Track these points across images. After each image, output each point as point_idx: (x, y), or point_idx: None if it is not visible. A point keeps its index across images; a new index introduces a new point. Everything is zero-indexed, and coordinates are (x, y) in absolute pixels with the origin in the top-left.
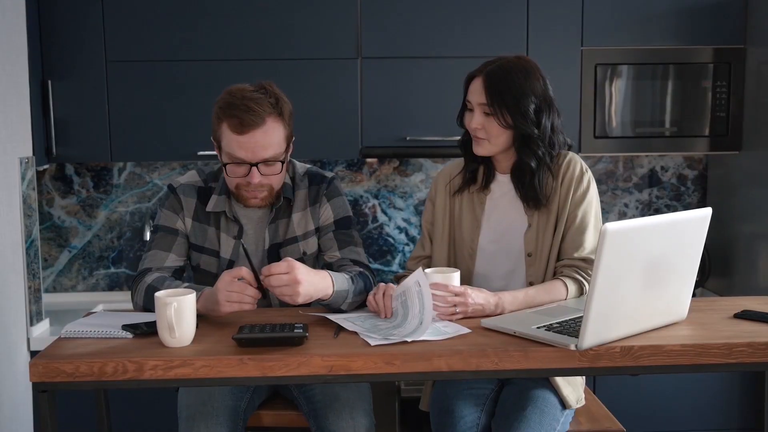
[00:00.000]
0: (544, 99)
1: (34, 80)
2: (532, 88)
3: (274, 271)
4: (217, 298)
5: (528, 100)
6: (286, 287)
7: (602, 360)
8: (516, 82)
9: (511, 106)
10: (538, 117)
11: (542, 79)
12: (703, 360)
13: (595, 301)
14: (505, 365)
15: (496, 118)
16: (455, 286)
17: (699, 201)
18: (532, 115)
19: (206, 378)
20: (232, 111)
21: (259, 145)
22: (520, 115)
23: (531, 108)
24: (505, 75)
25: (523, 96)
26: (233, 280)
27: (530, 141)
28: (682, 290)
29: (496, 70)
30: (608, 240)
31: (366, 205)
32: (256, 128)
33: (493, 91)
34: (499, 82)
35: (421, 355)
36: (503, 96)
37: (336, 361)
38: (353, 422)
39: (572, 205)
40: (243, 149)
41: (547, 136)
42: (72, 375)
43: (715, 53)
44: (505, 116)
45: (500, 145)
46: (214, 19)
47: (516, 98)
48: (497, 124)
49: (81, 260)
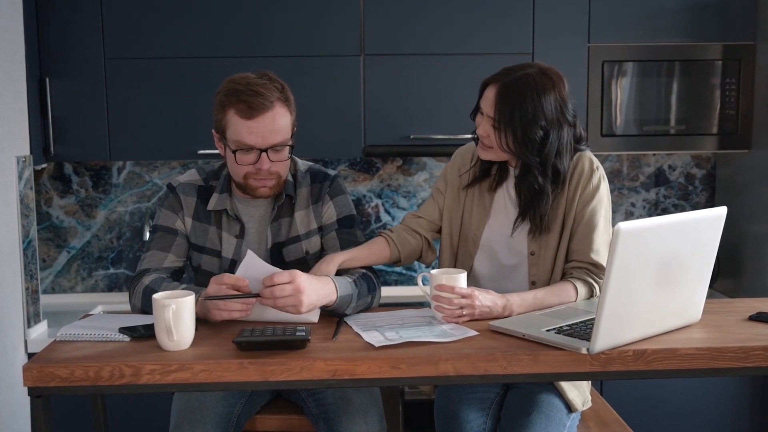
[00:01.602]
0: (555, 121)
1: (31, 77)
2: (545, 111)
3: (276, 281)
4: (207, 305)
5: (536, 126)
6: (289, 297)
7: (614, 364)
8: (529, 102)
9: (518, 128)
10: (544, 142)
11: (561, 99)
12: (718, 364)
13: (607, 303)
14: (514, 369)
15: (497, 137)
16: (462, 288)
17: (707, 200)
18: (537, 142)
19: (205, 383)
20: (240, 96)
21: (269, 130)
22: (524, 143)
23: (538, 135)
24: (519, 93)
25: (533, 121)
26: (220, 288)
27: (529, 170)
28: (696, 292)
29: (512, 84)
30: (621, 240)
31: (369, 204)
32: (265, 111)
33: (503, 109)
34: (512, 99)
35: (427, 358)
36: (512, 116)
37: (340, 365)
38: (367, 427)
39: (580, 204)
40: (253, 134)
41: (549, 164)
42: (67, 380)
43: (724, 50)
44: (507, 138)
45: (503, 157)
46: (214, 15)
47: (524, 122)
48: (497, 143)
49: (80, 261)
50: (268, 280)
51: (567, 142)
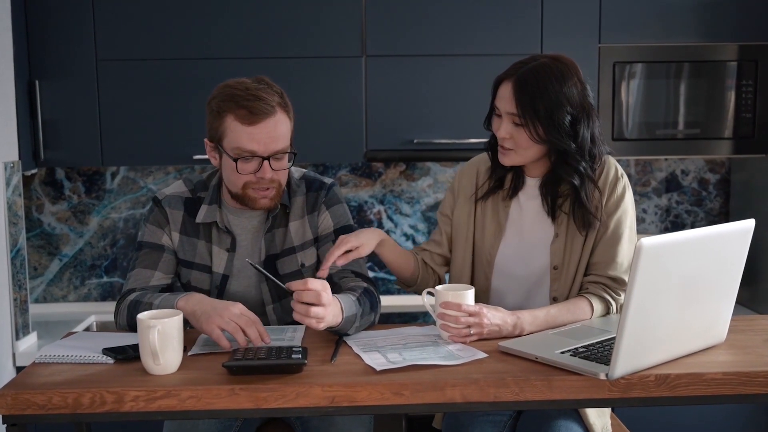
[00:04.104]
0: (582, 107)
1: (20, 80)
2: (568, 97)
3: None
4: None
5: (563, 111)
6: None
7: (635, 390)
8: (550, 89)
9: (544, 117)
10: (575, 128)
11: (581, 84)
12: (747, 390)
13: (628, 325)
14: (527, 395)
15: (526, 130)
16: (469, 305)
17: (721, 207)
18: (567, 127)
19: (193, 410)
20: (239, 101)
21: (271, 136)
22: (555, 129)
23: (566, 120)
24: (538, 81)
25: (558, 107)
26: (243, 315)
27: (568, 156)
28: (722, 310)
29: (528, 74)
30: (644, 257)
31: (371, 210)
32: (267, 117)
33: (524, 100)
34: (532, 89)
35: (432, 384)
36: (535, 106)
37: (338, 392)
38: None
39: (605, 214)
40: (254, 141)
41: (586, 149)
42: (44, 407)
43: (740, 50)
44: (537, 129)
45: (529, 156)
46: (210, 15)
47: (549, 109)
48: (527, 136)
49: (72, 269)
50: (302, 284)
51: (599, 131)
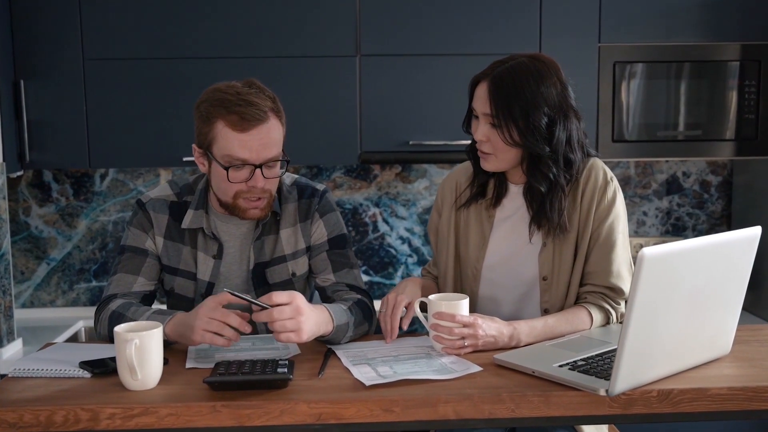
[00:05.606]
0: (560, 108)
1: (4, 80)
2: (545, 97)
3: (275, 299)
4: (194, 323)
5: (539, 113)
6: (289, 321)
7: (636, 406)
8: (527, 89)
9: (520, 119)
10: (551, 131)
11: (560, 84)
12: (754, 405)
13: (629, 339)
14: (523, 412)
15: (500, 133)
16: (464, 316)
17: (723, 209)
18: (543, 130)
19: (172, 429)
20: (229, 107)
21: (264, 144)
22: (530, 131)
23: (543, 122)
24: (515, 81)
25: (534, 107)
26: (217, 307)
27: (540, 162)
28: (727, 321)
29: (504, 74)
30: (646, 267)
31: (366, 213)
32: (260, 124)
33: (499, 101)
34: (507, 90)
35: (424, 400)
36: (510, 107)
37: (325, 408)
38: None
39: (596, 221)
40: (246, 149)
41: (561, 153)
42: (15, 425)
43: (743, 50)
44: (511, 132)
45: (509, 161)
46: (201, 13)
47: (525, 110)
48: (502, 140)
49: (60, 273)
50: (267, 299)
51: (577, 134)
